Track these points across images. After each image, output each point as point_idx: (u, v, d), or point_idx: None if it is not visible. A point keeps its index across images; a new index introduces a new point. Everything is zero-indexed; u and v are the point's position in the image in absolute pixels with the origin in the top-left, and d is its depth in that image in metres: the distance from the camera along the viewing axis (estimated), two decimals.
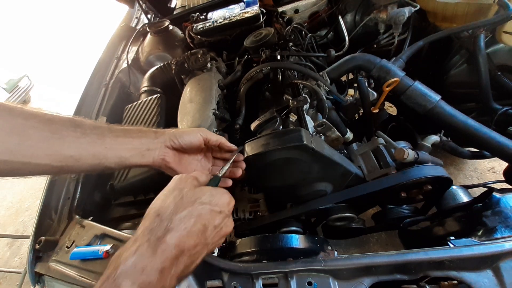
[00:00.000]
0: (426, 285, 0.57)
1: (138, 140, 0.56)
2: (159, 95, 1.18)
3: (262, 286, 0.63)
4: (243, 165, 0.67)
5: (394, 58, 1.00)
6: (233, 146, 0.68)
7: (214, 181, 0.55)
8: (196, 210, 0.43)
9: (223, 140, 0.66)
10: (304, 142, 0.63)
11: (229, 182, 0.65)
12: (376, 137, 0.86)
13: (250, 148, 0.69)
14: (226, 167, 0.61)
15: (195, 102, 1.00)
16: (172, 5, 1.95)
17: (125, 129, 0.57)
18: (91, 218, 0.93)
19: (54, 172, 0.50)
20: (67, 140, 0.48)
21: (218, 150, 0.70)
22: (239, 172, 0.65)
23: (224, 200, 0.48)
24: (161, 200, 0.45)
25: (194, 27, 1.39)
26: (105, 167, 0.54)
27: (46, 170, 0.49)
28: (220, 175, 0.58)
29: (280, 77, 1.04)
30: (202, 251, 0.44)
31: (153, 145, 0.58)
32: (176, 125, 0.98)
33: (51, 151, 0.47)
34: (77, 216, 0.94)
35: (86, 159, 0.50)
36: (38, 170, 0.48)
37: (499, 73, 1.03)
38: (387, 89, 0.88)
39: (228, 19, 1.33)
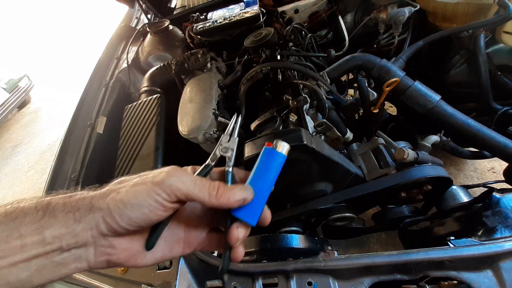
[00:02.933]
0: (426, 285, 0.57)
1: (57, 231, 0.32)
2: (159, 95, 1.18)
3: (262, 286, 0.63)
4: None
5: (394, 58, 1.00)
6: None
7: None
8: None
9: (196, 192, 0.35)
10: (304, 142, 0.63)
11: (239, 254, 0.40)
12: (376, 137, 0.86)
13: (250, 148, 0.69)
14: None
15: (195, 102, 1.00)
16: (172, 5, 1.95)
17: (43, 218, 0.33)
18: None
19: None
20: None
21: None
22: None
23: None
24: None
25: (194, 27, 1.39)
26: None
27: None
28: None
29: (280, 77, 1.04)
30: None
31: (80, 238, 0.33)
32: (176, 125, 0.98)
33: None
34: None
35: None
36: None
37: (499, 73, 1.03)
38: (387, 89, 0.88)
39: (228, 19, 1.33)
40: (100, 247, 0.34)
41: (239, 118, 0.47)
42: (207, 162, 0.41)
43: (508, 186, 0.98)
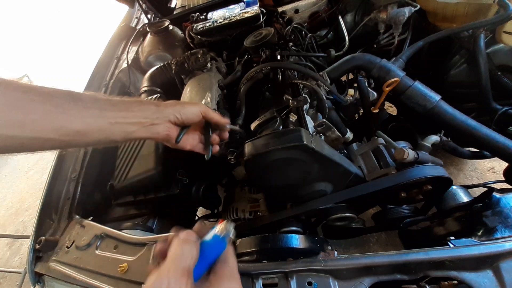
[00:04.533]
0: (426, 285, 0.57)
1: (141, 113, 0.56)
2: (159, 95, 1.18)
3: (262, 286, 0.63)
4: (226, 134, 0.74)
5: (394, 58, 1.00)
6: (227, 121, 0.72)
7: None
8: None
9: (218, 118, 0.69)
10: (304, 142, 0.63)
11: (216, 148, 0.72)
12: (376, 137, 0.86)
13: (250, 148, 0.69)
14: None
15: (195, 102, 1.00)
16: (172, 5, 1.95)
17: (125, 102, 0.56)
18: (91, 218, 0.93)
19: (63, 146, 0.50)
20: (70, 114, 0.47)
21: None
22: (225, 135, 0.74)
23: None
24: None
25: (194, 27, 1.39)
26: (111, 141, 0.54)
27: (55, 145, 0.48)
28: None
29: (280, 77, 1.04)
30: None
31: (157, 120, 0.58)
32: None
33: (57, 125, 0.45)
34: (77, 216, 0.94)
35: (92, 134, 0.50)
36: (47, 145, 0.46)
37: (499, 73, 1.03)
38: (387, 89, 0.88)
39: (228, 19, 1.33)
40: (165, 127, 0.60)
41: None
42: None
43: (508, 186, 0.98)
